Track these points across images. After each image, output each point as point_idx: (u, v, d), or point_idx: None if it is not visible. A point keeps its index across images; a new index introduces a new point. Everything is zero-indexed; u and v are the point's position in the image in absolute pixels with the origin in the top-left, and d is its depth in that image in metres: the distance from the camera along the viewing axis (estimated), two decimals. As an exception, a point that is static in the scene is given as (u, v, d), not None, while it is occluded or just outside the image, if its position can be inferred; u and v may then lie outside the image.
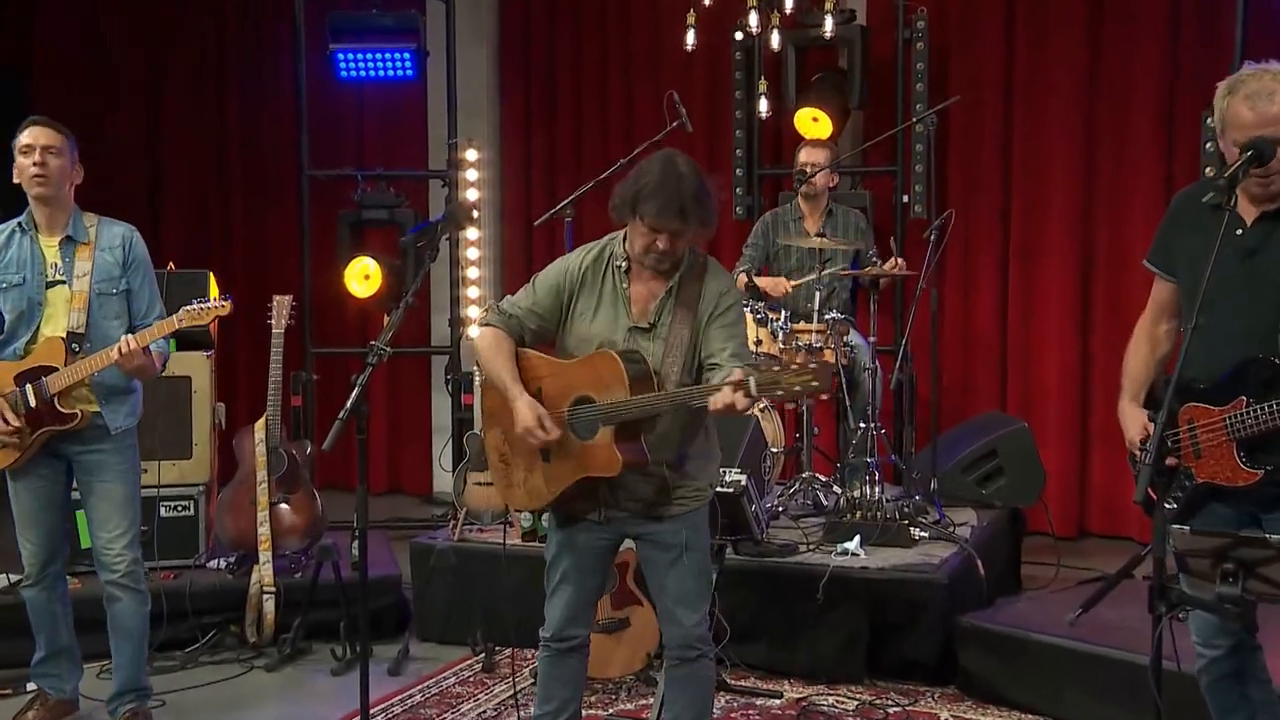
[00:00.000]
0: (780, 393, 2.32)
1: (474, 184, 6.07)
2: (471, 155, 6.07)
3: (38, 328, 3.40)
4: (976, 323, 5.75)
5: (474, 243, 6.03)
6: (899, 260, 4.78)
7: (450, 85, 5.78)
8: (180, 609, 4.09)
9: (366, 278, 5.61)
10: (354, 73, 5.78)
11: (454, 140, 5.75)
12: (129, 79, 7.01)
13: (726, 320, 2.66)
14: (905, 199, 5.52)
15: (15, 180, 3.42)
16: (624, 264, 2.73)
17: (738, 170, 5.82)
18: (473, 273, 6.08)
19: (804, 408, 4.67)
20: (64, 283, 3.40)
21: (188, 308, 3.37)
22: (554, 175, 6.48)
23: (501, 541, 4.13)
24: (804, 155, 5.00)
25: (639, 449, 2.61)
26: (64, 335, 3.37)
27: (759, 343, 4.57)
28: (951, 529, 4.26)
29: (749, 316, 4.63)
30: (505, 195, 6.66)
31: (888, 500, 4.30)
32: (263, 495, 4.32)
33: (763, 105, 5.52)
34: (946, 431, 5.24)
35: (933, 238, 4.48)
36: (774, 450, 4.55)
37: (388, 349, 2.45)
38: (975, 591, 3.97)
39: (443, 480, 6.43)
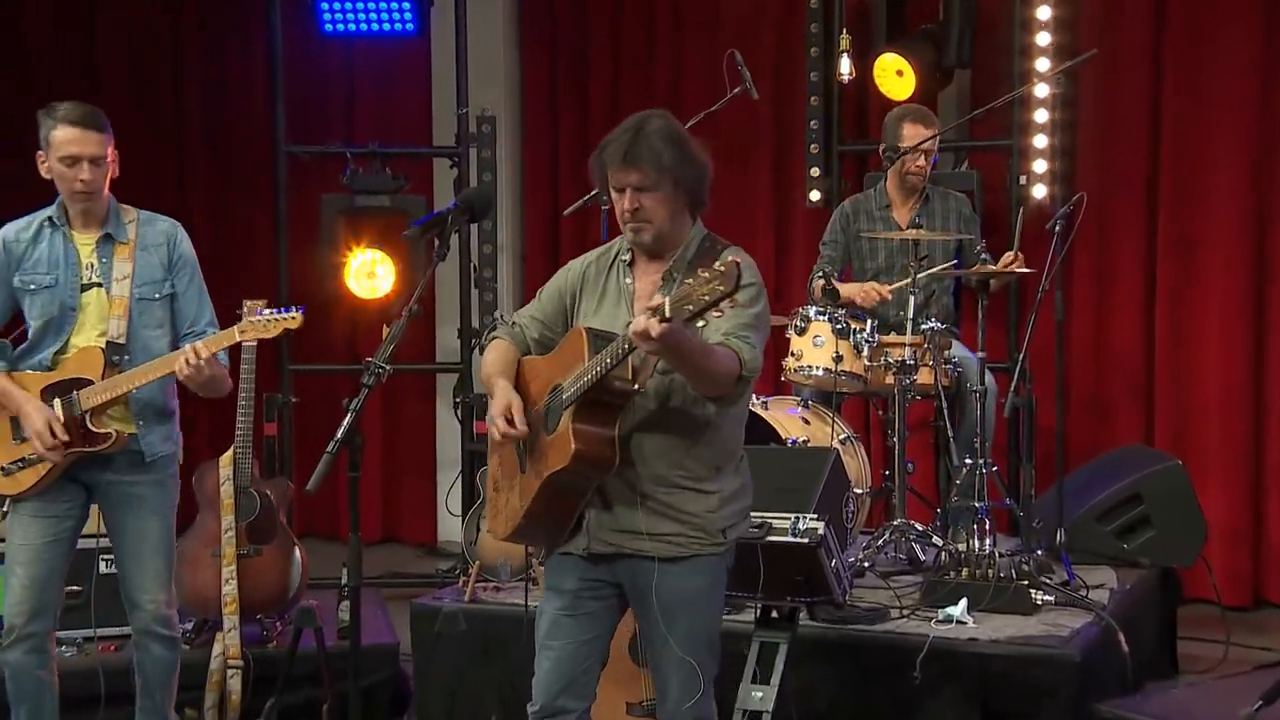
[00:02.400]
0: (691, 306, 2.43)
1: (489, 164, 6.17)
2: (486, 129, 6.16)
3: (69, 337, 3.54)
4: (1114, 333, 5.72)
5: (489, 237, 6.12)
6: (1015, 255, 4.79)
7: (460, 42, 5.87)
8: (123, 689, 3.98)
9: (372, 275, 5.72)
10: (341, 25, 5.90)
11: (464, 110, 5.84)
12: (52, 39, 7.16)
13: (739, 300, 2.72)
14: (1023, 180, 5.52)
15: (44, 176, 3.56)
16: (629, 256, 2.89)
17: (812, 146, 5.87)
18: (488, 273, 6.18)
19: (895, 439, 4.68)
20: (100, 285, 3.55)
21: (252, 318, 3.53)
22: (586, 155, 6.49)
23: (523, 602, 4.11)
24: (908, 130, 4.99)
25: (604, 439, 2.70)
26: (103, 345, 3.52)
27: (838, 358, 4.60)
28: (1084, 593, 4.25)
29: (825, 326, 4.67)
30: (527, 179, 6.75)
31: (1002, 555, 4.29)
32: (228, 546, 4.41)
33: (844, 66, 5.54)
34: (1076, 470, 5.22)
35: (1058, 228, 4.48)
36: (858, 491, 4.58)
37: (387, 366, 2.51)
38: (1117, 673, 3.96)
39: (449, 527, 6.50)
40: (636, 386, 2.70)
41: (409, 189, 5.85)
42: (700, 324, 2.52)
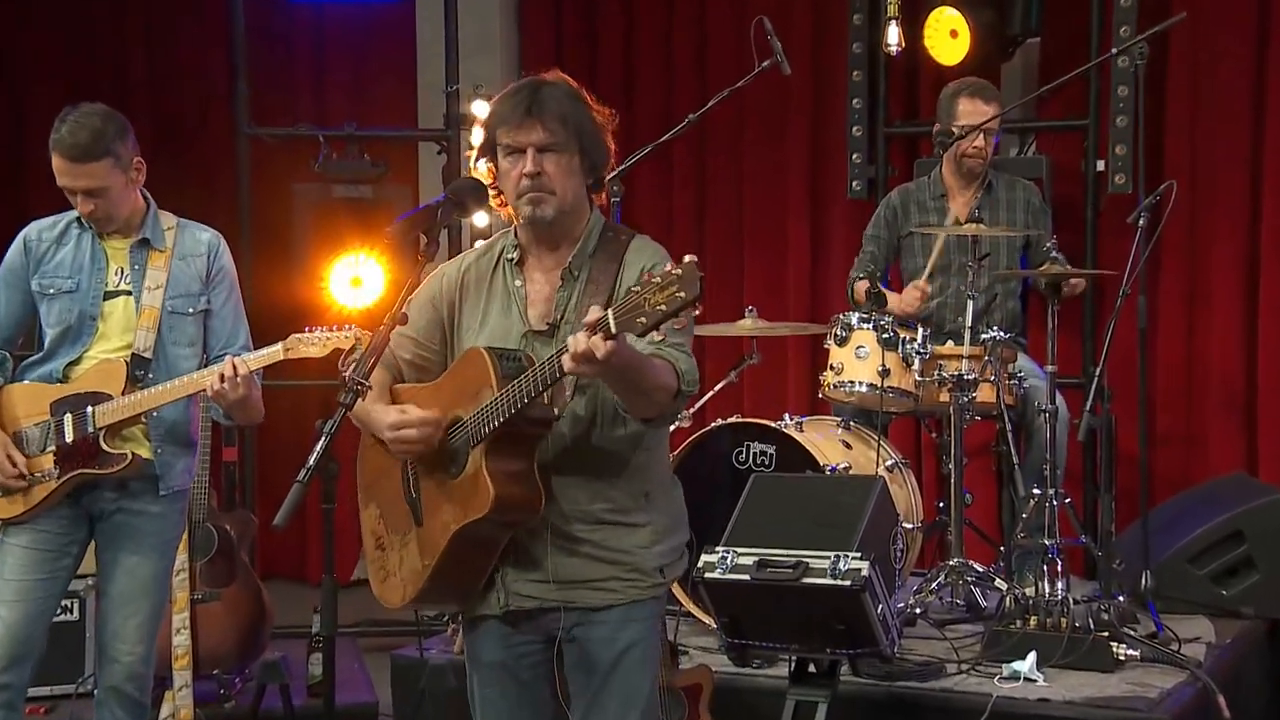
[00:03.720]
0: (643, 319, 2.38)
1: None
2: (479, 109, 6.21)
3: (87, 348, 3.62)
4: (1207, 345, 5.71)
5: (482, 232, 6.17)
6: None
7: (449, 8, 5.90)
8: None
9: (358, 283, 5.74)
10: (312, -12, 5.97)
11: (454, 87, 5.88)
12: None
13: None
14: (1101, 166, 5.54)
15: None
16: (515, 254, 2.84)
17: (854, 128, 5.90)
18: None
19: (951, 466, 4.69)
20: (129, 294, 3.64)
21: (300, 336, 3.55)
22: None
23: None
24: (965, 106, 5.01)
25: (525, 477, 2.67)
26: (127, 358, 3.59)
27: (885, 372, 4.62)
28: (1176, 647, 4.25)
29: (870, 335, 4.69)
30: (526, 164, 6.81)
31: (1077, 602, 4.30)
32: (181, 589, 4.43)
33: (892, 35, 5.55)
34: (1164, 503, 5.23)
35: (1142, 222, 4.50)
36: (908, 526, 4.60)
37: (367, 382, 2.55)
38: (1215, 741, 3.97)
39: (435, 569, 6.54)
40: (556, 413, 2.68)
41: (391, 178, 5.89)
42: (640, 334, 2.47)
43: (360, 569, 5.49)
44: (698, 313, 2.58)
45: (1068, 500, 4.67)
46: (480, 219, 6.14)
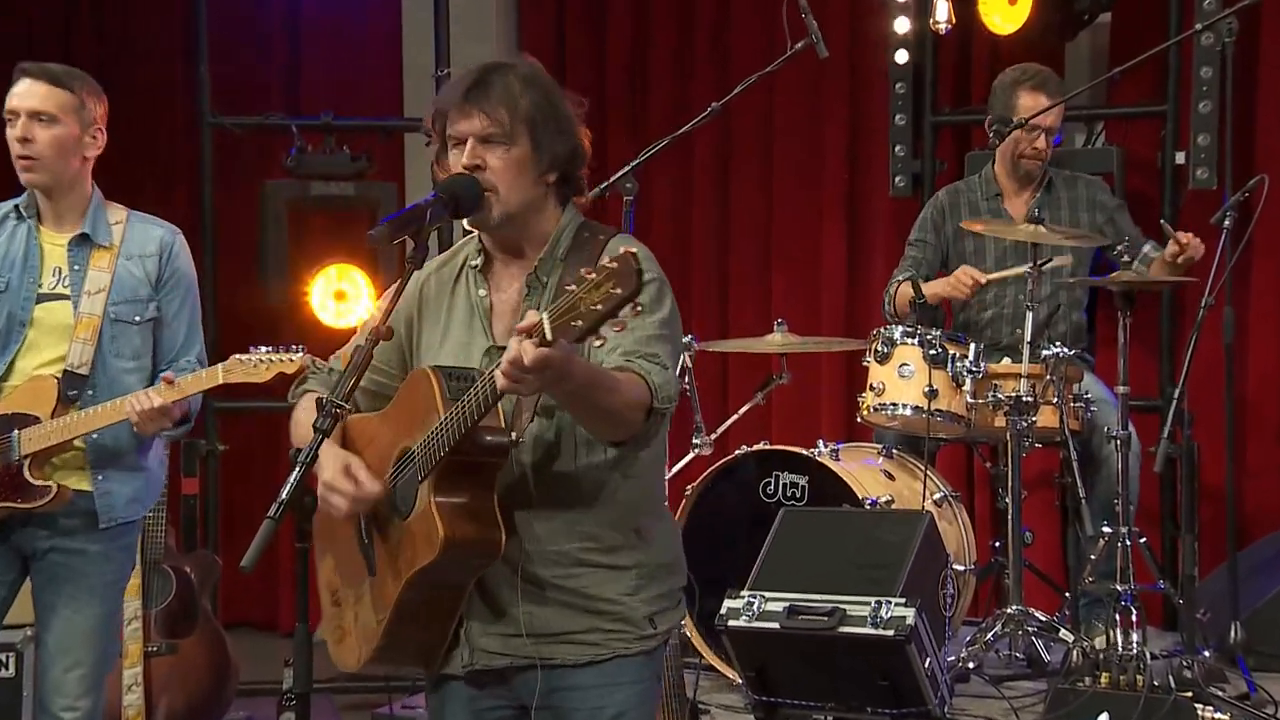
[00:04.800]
0: (579, 321, 2.33)
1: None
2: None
3: (14, 358, 3.56)
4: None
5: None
6: (1184, 238, 4.70)
7: (439, -16, 5.98)
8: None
9: (341, 297, 5.74)
10: (284, -38, 6.00)
11: (444, 72, 5.89)
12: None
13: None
14: (1180, 158, 5.54)
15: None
16: (479, 261, 2.83)
17: (897, 117, 5.92)
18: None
19: (1008, 500, 4.69)
20: (66, 298, 3.59)
21: (241, 357, 3.55)
22: (604, 129, 6.62)
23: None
24: (1026, 99, 5.02)
25: (482, 513, 2.62)
26: (58, 374, 3.55)
27: (932, 393, 4.63)
28: (1271, 710, 4.24)
29: (915, 351, 4.70)
30: (526, 159, 6.83)
31: (1154, 657, 4.30)
32: (134, 641, 4.46)
33: (941, 12, 5.57)
34: (1255, 543, 5.20)
35: (1228, 222, 4.49)
36: (960, 569, 4.59)
37: (347, 405, 2.56)
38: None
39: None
40: (514, 437, 2.63)
41: (374, 173, 5.91)
42: (597, 343, 2.44)
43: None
44: (661, 313, 2.60)
45: (1143, 540, 4.66)
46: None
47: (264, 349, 3.56)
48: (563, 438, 2.69)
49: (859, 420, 4.98)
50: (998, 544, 4.93)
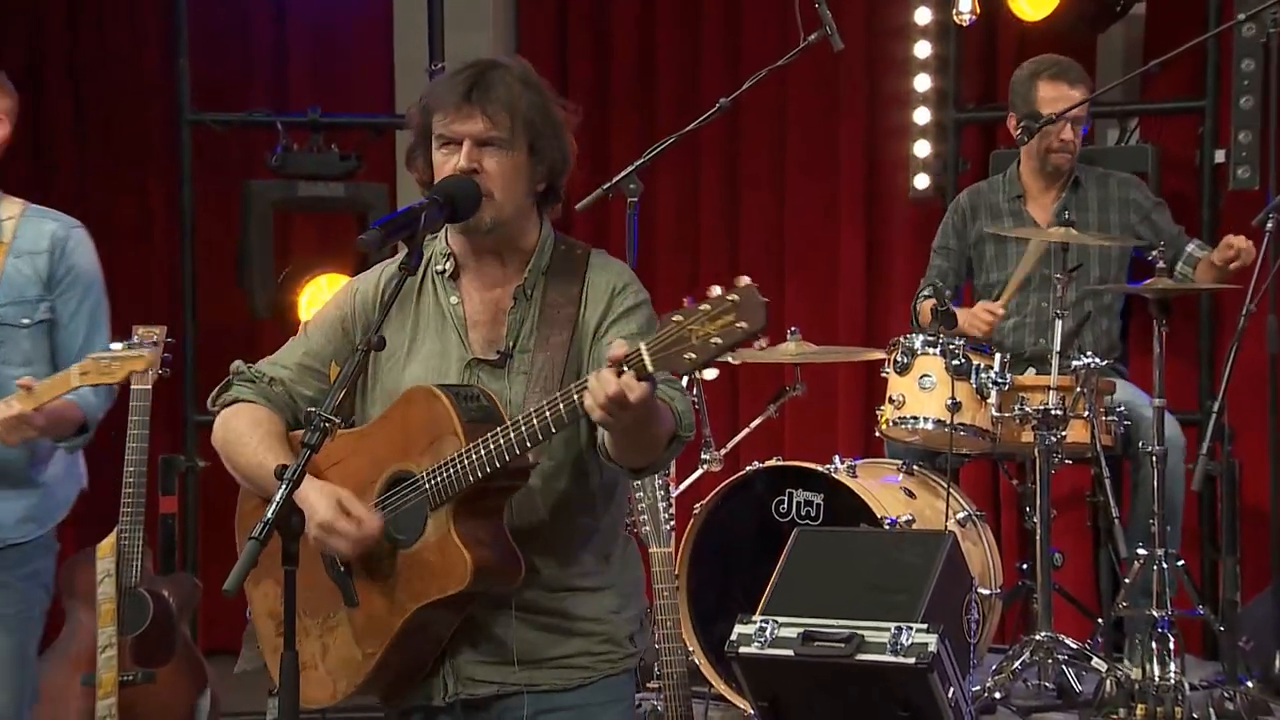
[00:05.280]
0: (692, 355, 2.35)
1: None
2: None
3: None
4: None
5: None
6: (1238, 242, 4.68)
7: (432, -27, 5.99)
8: None
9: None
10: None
11: (438, 65, 5.90)
12: None
13: (630, 326, 2.73)
14: (1220, 156, 5.53)
15: None
16: (447, 266, 2.83)
17: (917, 115, 5.92)
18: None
19: (1036, 520, 4.69)
20: None
21: (96, 356, 3.49)
22: (606, 127, 6.64)
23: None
24: (1046, 90, 5.02)
25: (502, 542, 2.65)
26: None
27: (955, 406, 4.63)
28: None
29: (937, 362, 4.71)
30: (525, 158, 6.83)
31: (1194, 687, 4.29)
32: (107, 669, 4.46)
33: (964, 1, 5.55)
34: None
35: (1271, 225, 4.49)
36: (985, 593, 4.60)
37: (336, 419, 2.56)
38: None
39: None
40: (533, 460, 2.67)
41: (364, 174, 5.91)
42: (591, 348, 2.45)
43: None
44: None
45: (1181, 563, 4.64)
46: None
47: (118, 344, 3.52)
48: (560, 464, 2.74)
49: (877, 435, 4.98)
50: (1025, 566, 4.94)
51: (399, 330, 2.83)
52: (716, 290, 2.37)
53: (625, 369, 2.41)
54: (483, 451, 2.59)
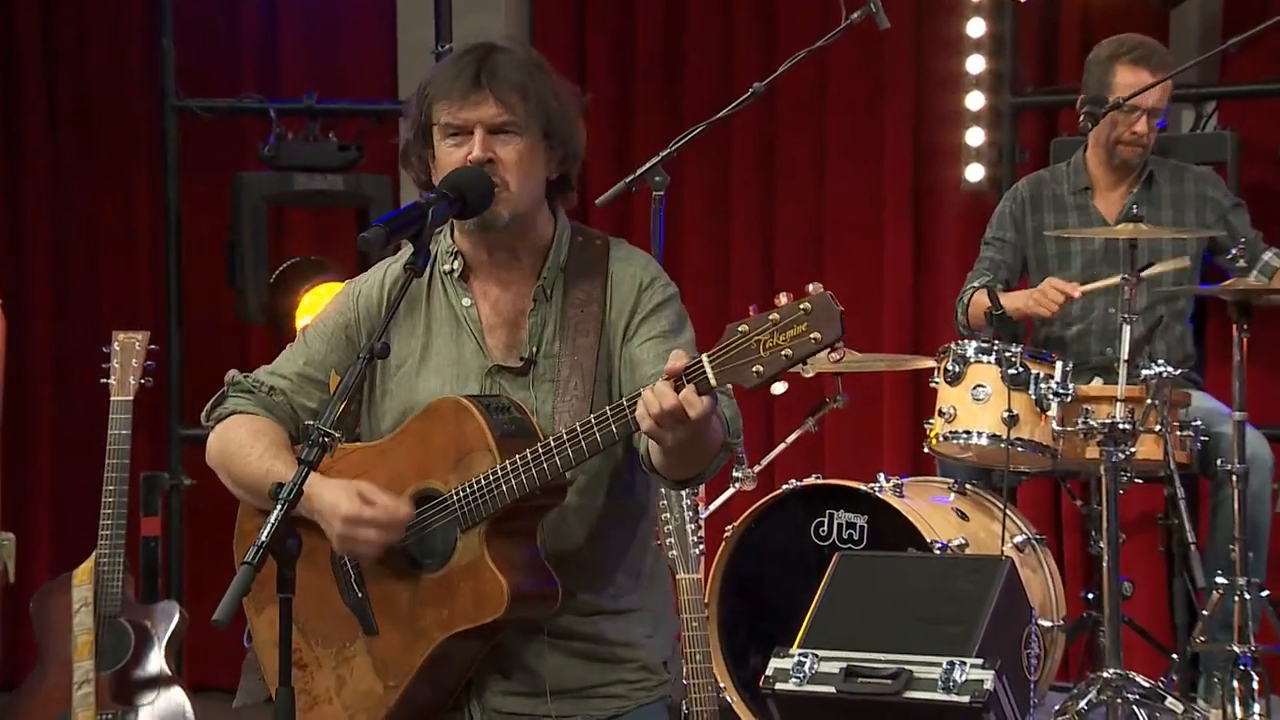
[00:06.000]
0: (759, 369, 2.36)
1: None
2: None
3: None
4: None
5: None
6: None
7: (438, -54, 6.00)
8: None
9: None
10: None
11: (445, 47, 5.92)
12: None
13: (660, 324, 2.76)
14: (1310, 147, 5.54)
15: None
16: (455, 265, 2.85)
17: (970, 99, 5.91)
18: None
19: (1102, 544, 4.67)
20: None
21: None
22: (629, 114, 6.64)
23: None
24: (1125, 75, 4.99)
25: (536, 564, 2.67)
26: None
27: (1012, 419, 4.62)
28: None
29: (992, 371, 4.70)
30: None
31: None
32: (84, 708, 4.47)
33: (1024, -26, 5.60)
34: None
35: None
36: (1046, 624, 4.59)
37: (337, 434, 2.57)
38: None
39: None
40: (569, 476, 2.69)
41: (365, 165, 5.92)
42: (621, 348, 2.50)
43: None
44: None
45: (1265, 593, 4.62)
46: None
47: None
48: (595, 476, 2.76)
49: (926, 450, 4.97)
50: (1091, 596, 4.91)
51: (409, 337, 2.85)
52: (785, 297, 2.38)
53: (685, 382, 2.42)
54: (522, 472, 2.62)
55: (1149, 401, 4.59)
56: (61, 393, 6.65)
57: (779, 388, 5.08)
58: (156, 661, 4.68)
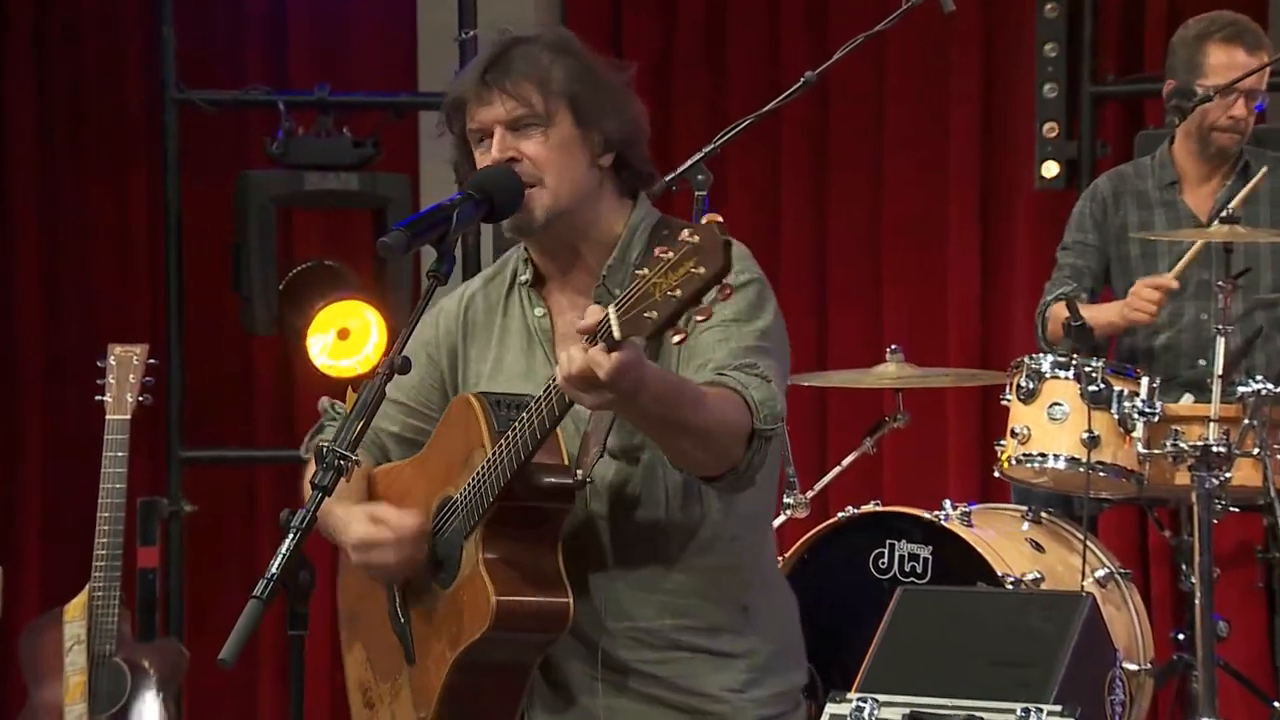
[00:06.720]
0: (653, 313, 2.32)
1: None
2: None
3: None
4: None
5: (511, 242, 6.19)
6: None
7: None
8: None
9: (346, 335, 5.70)
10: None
11: (469, 34, 5.93)
12: None
13: (725, 311, 2.69)
14: None
15: None
16: (528, 274, 2.89)
17: (1047, 87, 5.92)
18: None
19: (1194, 580, 4.65)
20: None
21: None
22: (669, 108, 6.64)
23: None
24: (1218, 55, 4.94)
25: (543, 575, 2.64)
26: None
27: (1092, 440, 4.60)
28: None
29: (1071, 387, 4.68)
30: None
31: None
32: (77, 751, 4.50)
33: (1104, -51, 5.58)
34: None
35: None
36: (1132, 668, 4.57)
37: (354, 456, 2.57)
38: None
39: None
40: (580, 476, 2.68)
41: (382, 163, 5.93)
42: (674, 347, 2.45)
43: None
44: (763, 319, 2.60)
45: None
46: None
47: None
48: (648, 481, 2.75)
49: (997, 475, 4.94)
50: (1182, 637, 4.87)
51: (484, 350, 2.90)
52: (685, 233, 2.34)
53: (598, 340, 2.40)
54: (498, 460, 2.63)
55: (1246, 421, 4.56)
56: (52, 411, 6.68)
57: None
58: (154, 705, 4.69)
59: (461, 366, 2.91)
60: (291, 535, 2.51)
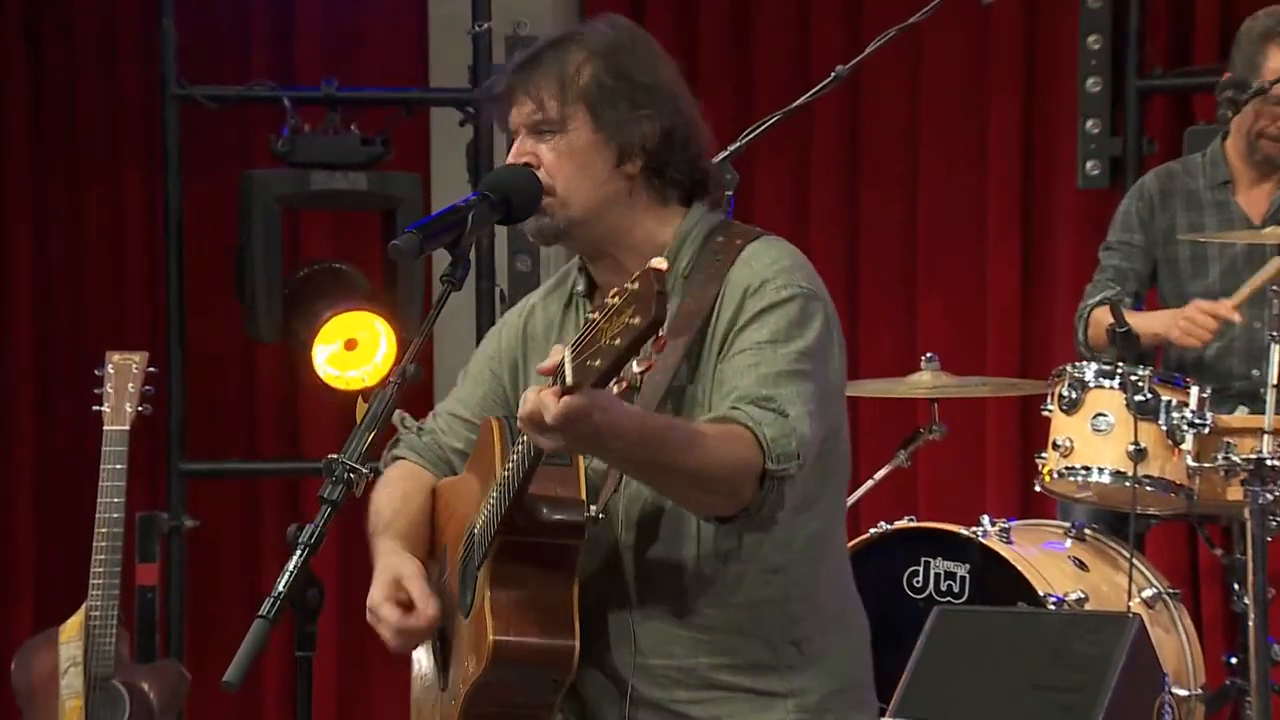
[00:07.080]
0: (597, 362, 2.30)
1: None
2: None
3: None
4: None
5: (525, 244, 6.17)
6: None
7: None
8: None
9: (353, 346, 5.69)
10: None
11: (483, 26, 5.93)
12: None
13: (760, 333, 2.68)
14: None
15: None
16: (582, 283, 2.90)
17: (1090, 82, 5.91)
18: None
19: (1247, 600, 4.63)
20: None
21: None
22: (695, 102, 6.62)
23: None
24: (1277, 59, 4.88)
25: (549, 612, 2.63)
26: None
27: (1139, 453, 4.59)
28: None
29: (1116, 397, 4.66)
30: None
31: None
32: (74, 780, 4.50)
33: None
34: None
35: None
36: (1182, 693, 4.55)
37: (364, 469, 2.56)
38: None
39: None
40: (594, 511, 2.66)
41: (392, 162, 5.93)
42: (712, 369, 2.47)
43: None
44: (798, 342, 2.58)
45: None
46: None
47: None
48: (677, 512, 2.71)
49: (1038, 489, 4.94)
50: (1235, 660, 4.84)
51: (540, 361, 2.86)
52: (633, 278, 2.30)
53: (551, 385, 2.39)
54: (501, 491, 2.64)
55: (1304, 434, 4.57)
56: (46, 422, 6.70)
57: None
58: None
59: (522, 382, 2.89)
60: (299, 552, 2.50)
